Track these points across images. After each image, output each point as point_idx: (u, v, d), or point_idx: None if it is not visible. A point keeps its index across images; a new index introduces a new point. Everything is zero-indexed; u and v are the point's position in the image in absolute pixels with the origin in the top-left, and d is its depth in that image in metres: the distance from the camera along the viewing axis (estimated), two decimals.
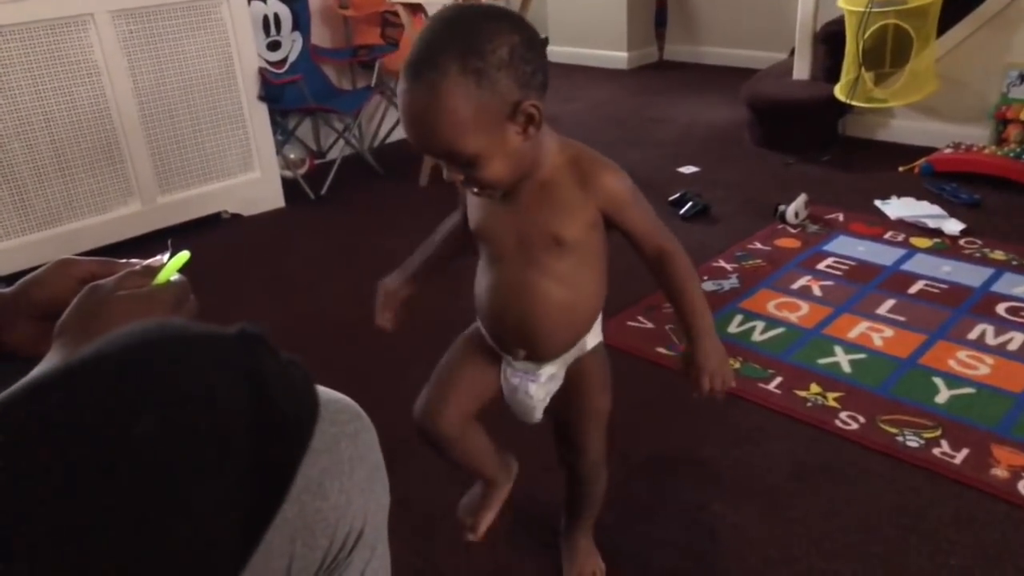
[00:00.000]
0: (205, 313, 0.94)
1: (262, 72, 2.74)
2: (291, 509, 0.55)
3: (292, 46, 3.09)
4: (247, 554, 0.46)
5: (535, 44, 0.87)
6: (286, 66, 3.06)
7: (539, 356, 1.04)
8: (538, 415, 1.10)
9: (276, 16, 3.02)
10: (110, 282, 0.64)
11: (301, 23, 3.10)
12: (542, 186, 0.95)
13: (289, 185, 2.94)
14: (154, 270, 0.67)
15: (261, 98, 2.75)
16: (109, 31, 2.33)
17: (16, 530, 0.35)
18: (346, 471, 0.60)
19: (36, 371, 0.56)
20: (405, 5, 2.93)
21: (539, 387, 1.07)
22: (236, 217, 2.79)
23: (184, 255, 0.69)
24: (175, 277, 0.68)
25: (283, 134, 3.08)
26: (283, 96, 2.85)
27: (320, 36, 3.30)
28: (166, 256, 0.69)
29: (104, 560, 0.37)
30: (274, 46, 3.03)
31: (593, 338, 1.07)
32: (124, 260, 0.71)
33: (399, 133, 3.41)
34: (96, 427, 0.38)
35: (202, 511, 0.41)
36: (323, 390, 0.62)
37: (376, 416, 0.69)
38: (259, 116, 2.76)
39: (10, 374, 0.65)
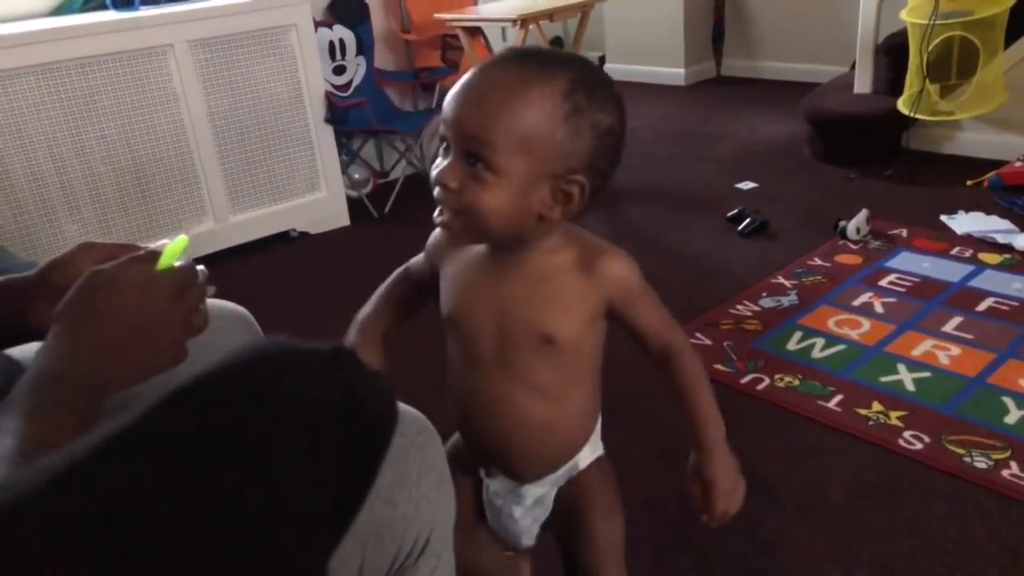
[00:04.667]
0: (277, 324, 0.99)
1: (328, 95, 2.85)
2: (363, 515, 0.59)
3: (357, 70, 3.20)
4: (333, 547, 0.50)
5: (623, 133, 0.79)
6: (351, 89, 3.17)
7: (516, 477, 0.90)
8: (527, 541, 0.95)
9: (341, 41, 3.13)
10: (111, 267, 0.63)
11: (365, 47, 3.21)
12: (535, 275, 0.81)
13: (354, 204, 3.04)
14: (157, 255, 0.66)
15: (327, 120, 2.85)
16: (187, 60, 2.46)
17: (157, 520, 0.40)
18: (414, 480, 0.64)
19: (39, 359, 0.58)
20: (465, 29, 3.01)
21: (524, 512, 0.92)
22: (304, 235, 2.90)
23: (183, 239, 0.67)
24: (180, 263, 0.66)
25: (348, 155, 3.18)
26: (348, 118, 2.95)
27: (383, 60, 3.40)
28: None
29: (223, 549, 0.42)
30: (339, 70, 3.14)
31: (589, 454, 0.93)
32: (142, 245, 0.70)
33: None
34: (220, 431, 0.43)
35: (304, 500, 0.46)
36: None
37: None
38: (325, 138, 2.87)
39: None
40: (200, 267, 0.69)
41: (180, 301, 0.64)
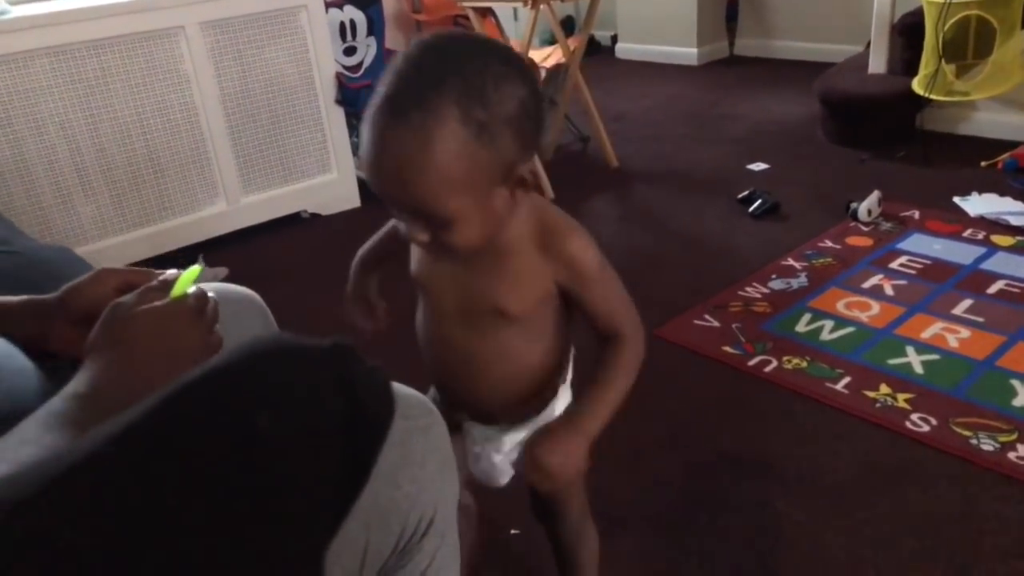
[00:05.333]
0: (288, 306, 1.01)
1: (339, 77, 2.85)
2: (367, 498, 0.60)
3: (367, 51, 3.19)
4: (330, 536, 0.52)
5: (539, 96, 0.75)
6: (361, 70, 3.17)
7: (488, 423, 0.94)
8: (504, 480, 1.00)
9: (352, 22, 3.12)
10: (130, 298, 0.69)
11: (376, 28, 3.20)
12: (496, 249, 0.82)
13: (365, 186, 3.04)
14: (170, 284, 0.71)
15: (338, 102, 2.85)
16: (198, 41, 2.47)
17: (167, 502, 0.42)
18: (418, 462, 0.66)
19: (73, 382, 0.63)
20: (475, 9, 2.99)
21: (503, 456, 0.97)
22: (315, 216, 2.91)
23: (194, 269, 0.73)
24: (193, 289, 0.72)
25: (359, 136, 3.19)
26: (359, 99, 2.95)
27: (394, 40, 3.39)
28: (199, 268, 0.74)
29: (224, 536, 0.43)
30: (350, 51, 3.14)
31: (564, 402, 0.96)
32: (159, 271, 0.76)
33: None
34: (226, 424, 0.45)
35: (305, 490, 0.47)
36: (397, 386, 0.67)
37: None
38: (336, 119, 2.87)
39: (54, 371, 0.73)
40: (211, 292, 0.73)
41: (197, 324, 0.69)
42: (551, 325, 0.90)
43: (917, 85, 2.87)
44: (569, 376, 0.98)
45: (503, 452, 0.96)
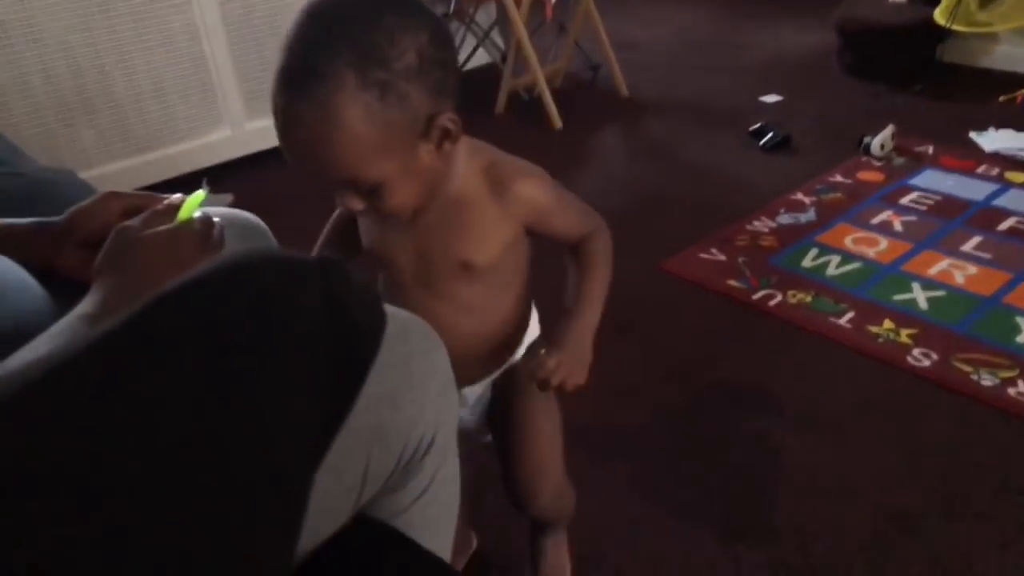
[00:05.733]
0: (293, 233, 1.01)
1: None
2: (367, 418, 0.61)
3: None
4: (325, 446, 0.53)
5: (445, 38, 0.71)
6: None
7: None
8: (481, 437, 0.99)
9: None
10: (136, 222, 0.69)
11: None
12: (449, 203, 0.80)
13: None
14: (176, 208, 0.71)
15: None
16: None
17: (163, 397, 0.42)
18: (417, 384, 0.66)
19: (80, 304, 0.63)
20: None
21: (469, 411, 0.96)
22: None
23: (199, 194, 0.72)
24: (198, 214, 0.71)
25: None
26: None
27: None
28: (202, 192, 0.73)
29: (210, 445, 0.44)
30: None
31: (529, 340, 0.95)
32: (164, 195, 0.76)
33: (475, 61, 3.40)
34: (205, 331, 0.45)
35: (294, 400, 0.48)
36: (397, 311, 0.68)
37: None
38: None
39: (64, 295, 0.73)
40: (216, 217, 0.73)
41: (202, 249, 0.69)
42: (517, 273, 0.89)
43: (939, 15, 2.78)
44: (535, 321, 0.97)
45: (468, 406, 0.95)
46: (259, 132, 2.71)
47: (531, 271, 0.93)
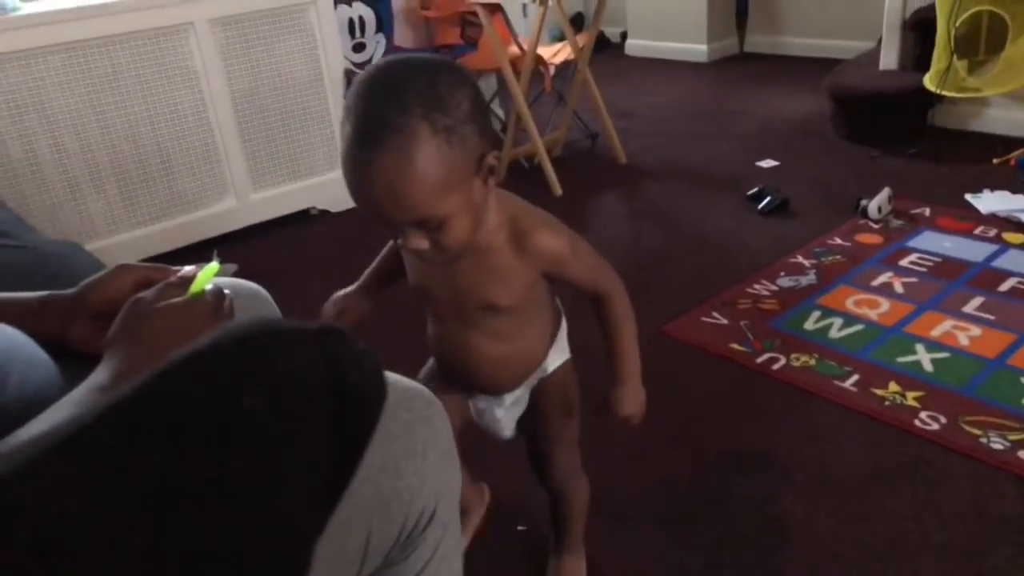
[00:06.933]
0: (297, 302, 1.02)
1: (348, 73, 2.85)
2: (369, 488, 0.60)
3: (376, 47, 3.20)
4: (326, 516, 0.52)
5: (480, 91, 0.85)
6: None
7: (491, 394, 1.07)
8: (508, 433, 1.13)
9: (361, 19, 3.13)
10: (149, 295, 0.70)
11: (384, 25, 3.20)
12: (479, 251, 0.92)
13: None
14: (189, 281, 0.72)
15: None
16: (208, 38, 2.48)
17: (149, 477, 0.42)
18: (420, 453, 0.66)
19: (92, 376, 0.63)
20: (484, 5, 2.99)
21: (505, 411, 1.09)
22: (324, 213, 2.92)
23: (213, 266, 0.74)
24: (210, 286, 0.73)
25: None
26: None
27: (402, 37, 3.39)
28: (214, 264, 0.75)
29: (214, 514, 0.43)
30: (359, 48, 3.14)
31: (556, 359, 1.07)
32: (176, 267, 0.77)
33: None
34: (211, 401, 0.44)
35: (293, 473, 0.47)
36: (400, 379, 0.68)
37: None
38: None
39: (73, 367, 0.74)
40: (227, 289, 0.74)
41: (214, 321, 0.70)
42: (540, 307, 1.02)
43: (929, 81, 2.84)
44: (563, 332, 1.09)
45: (504, 407, 1.08)
46: (263, 203, 2.75)
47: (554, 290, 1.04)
